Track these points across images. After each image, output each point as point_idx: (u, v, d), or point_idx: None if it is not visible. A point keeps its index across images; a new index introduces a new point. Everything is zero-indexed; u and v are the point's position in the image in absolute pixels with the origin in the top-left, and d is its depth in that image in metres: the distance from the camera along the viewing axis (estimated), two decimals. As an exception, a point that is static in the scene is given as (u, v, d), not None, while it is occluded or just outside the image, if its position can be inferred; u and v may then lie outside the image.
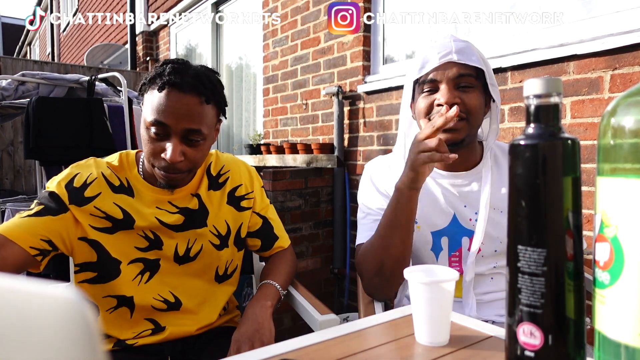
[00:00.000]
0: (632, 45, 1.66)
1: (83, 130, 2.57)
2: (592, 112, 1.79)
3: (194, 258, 1.13)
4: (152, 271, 1.10)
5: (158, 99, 0.98)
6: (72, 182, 1.06)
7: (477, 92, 1.06)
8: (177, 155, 0.99)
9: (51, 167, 2.78)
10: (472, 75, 1.05)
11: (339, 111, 2.98)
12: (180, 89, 0.98)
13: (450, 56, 1.03)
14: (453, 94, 1.03)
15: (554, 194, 0.52)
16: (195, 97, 0.99)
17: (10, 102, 2.66)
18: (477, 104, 1.05)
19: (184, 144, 1.00)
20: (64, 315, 0.25)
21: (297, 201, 2.89)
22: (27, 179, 4.99)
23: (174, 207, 1.11)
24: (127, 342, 1.09)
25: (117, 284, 1.08)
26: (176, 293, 1.11)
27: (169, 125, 0.98)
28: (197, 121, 1.00)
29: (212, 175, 1.17)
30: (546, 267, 0.52)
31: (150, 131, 1.00)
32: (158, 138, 1.00)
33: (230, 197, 1.18)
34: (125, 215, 1.07)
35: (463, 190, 1.11)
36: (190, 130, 0.99)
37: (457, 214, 1.11)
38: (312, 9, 3.27)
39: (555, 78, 0.54)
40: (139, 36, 5.86)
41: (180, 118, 0.98)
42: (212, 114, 1.04)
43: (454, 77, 1.04)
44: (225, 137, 4.86)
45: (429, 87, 1.06)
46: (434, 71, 1.05)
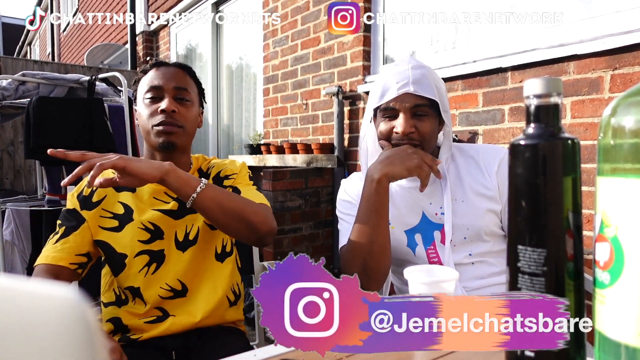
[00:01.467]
0: (633, 45, 1.66)
1: (83, 130, 2.57)
2: (593, 112, 1.79)
3: (194, 241, 1.18)
4: (158, 262, 1.16)
5: (149, 76, 1.18)
6: (82, 192, 1.18)
7: (431, 118, 1.16)
8: (172, 105, 1.13)
9: (51, 167, 2.78)
10: (427, 105, 1.15)
11: (339, 111, 2.98)
12: (165, 64, 1.19)
13: (407, 87, 1.13)
14: (409, 123, 1.14)
15: (554, 194, 0.52)
16: (178, 68, 1.20)
17: (11, 102, 2.66)
18: (430, 130, 1.16)
19: (175, 102, 1.15)
20: (64, 315, 0.25)
21: (297, 201, 2.89)
22: (27, 179, 4.99)
23: (169, 197, 1.18)
24: (131, 337, 1.13)
25: (125, 276, 1.15)
26: (183, 280, 1.16)
27: (160, 86, 1.15)
28: (184, 83, 1.18)
29: (203, 171, 1.28)
30: (546, 267, 0.52)
31: (146, 100, 1.16)
32: (153, 101, 1.15)
33: (215, 180, 1.25)
34: (126, 208, 1.17)
35: (427, 190, 1.20)
36: (180, 88, 1.16)
37: (425, 211, 1.22)
38: (312, 8, 3.28)
39: (556, 78, 0.54)
40: (139, 36, 5.87)
41: (169, 79, 1.16)
42: (194, 87, 1.22)
43: (411, 106, 1.14)
44: (226, 137, 4.86)
45: (389, 114, 1.17)
46: (393, 101, 1.15)
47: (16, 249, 2.85)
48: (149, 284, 1.15)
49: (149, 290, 1.14)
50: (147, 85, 1.16)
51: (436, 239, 1.21)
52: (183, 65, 1.21)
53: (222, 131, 4.90)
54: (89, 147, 2.59)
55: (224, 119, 4.86)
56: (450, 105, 1.71)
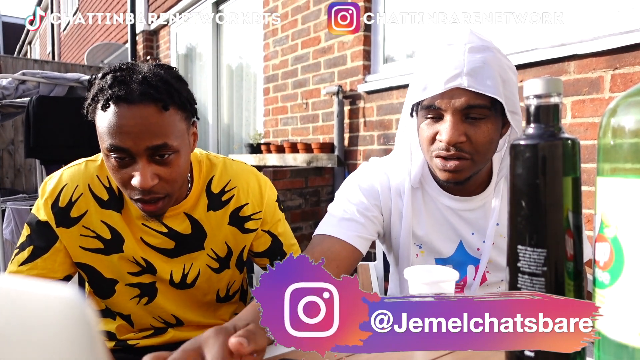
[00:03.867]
0: (633, 45, 1.66)
1: (83, 129, 2.56)
2: (593, 112, 1.79)
3: (192, 284, 1.03)
4: (150, 296, 1.02)
5: (107, 120, 0.81)
6: (57, 200, 0.94)
7: (489, 123, 0.88)
8: (149, 180, 0.83)
9: (52, 166, 2.78)
10: (485, 106, 0.86)
11: (339, 110, 2.98)
12: (128, 101, 0.80)
13: (459, 80, 0.84)
14: (458, 130, 0.86)
15: (554, 194, 0.52)
16: (149, 105, 0.81)
17: (11, 101, 2.65)
18: (488, 140, 0.88)
19: (154, 164, 0.84)
20: (64, 314, 0.25)
21: (298, 200, 2.89)
22: (27, 178, 4.99)
23: (162, 226, 0.98)
24: (128, 342, 1.07)
25: (113, 302, 1.02)
26: (177, 315, 1.05)
27: (127, 149, 0.81)
28: (160, 134, 0.82)
29: (214, 193, 1.01)
30: (546, 267, 0.52)
31: (111, 159, 0.84)
32: (122, 164, 0.84)
33: (233, 218, 1.02)
34: (114, 234, 0.97)
35: (471, 216, 0.99)
36: (155, 147, 0.82)
37: (464, 241, 1.00)
38: (312, 8, 3.27)
39: (556, 78, 0.54)
40: (140, 35, 5.86)
41: (138, 137, 0.81)
42: (176, 119, 0.86)
43: (462, 108, 0.86)
44: (226, 136, 4.86)
45: (432, 114, 0.89)
46: (439, 97, 0.87)
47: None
48: (140, 313, 1.02)
49: (140, 319, 1.03)
50: (107, 139, 0.82)
51: (469, 275, 1.01)
52: (155, 96, 0.81)
53: (222, 130, 4.90)
54: (89, 146, 2.58)
55: (224, 119, 4.86)
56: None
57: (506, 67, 0.89)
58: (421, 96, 0.89)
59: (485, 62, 0.85)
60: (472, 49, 0.86)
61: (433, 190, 1.01)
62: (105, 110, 0.82)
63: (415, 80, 0.92)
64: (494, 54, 0.88)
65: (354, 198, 1.00)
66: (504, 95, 0.86)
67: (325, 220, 0.99)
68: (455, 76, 0.84)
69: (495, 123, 0.89)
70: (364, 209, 0.98)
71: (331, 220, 0.98)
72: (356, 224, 0.96)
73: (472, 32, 0.90)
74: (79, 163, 1.00)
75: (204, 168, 1.01)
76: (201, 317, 1.09)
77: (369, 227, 0.98)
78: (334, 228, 0.96)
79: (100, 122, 0.83)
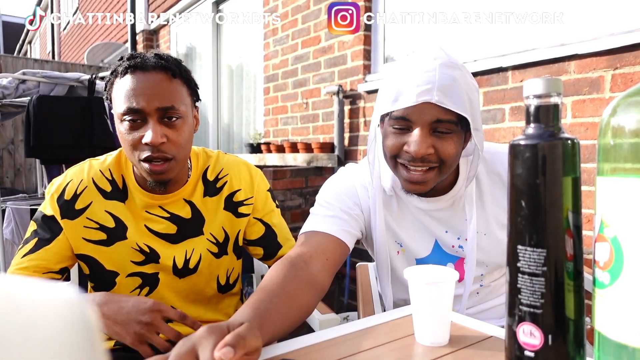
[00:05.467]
0: (633, 45, 1.66)
1: (84, 128, 2.57)
2: (593, 112, 1.79)
3: (194, 270, 1.08)
4: (151, 286, 1.06)
5: (124, 86, 0.94)
6: (63, 194, 1.02)
7: (455, 137, 0.91)
8: (159, 137, 0.92)
9: (52, 166, 2.78)
10: (453, 122, 0.89)
11: (340, 110, 2.98)
12: (143, 68, 0.94)
13: (430, 95, 0.86)
14: (426, 142, 0.88)
15: (554, 194, 0.52)
16: (160, 73, 0.94)
17: (11, 101, 2.66)
18: (454, 152, 0.91)
19: (163, 125, 0.94)
20: (64, 315, 0.25)
21: (298, 200, 2.89)
22: (27, 178, 4.99)
23: (164, 212, 1.05)
24: None
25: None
26: (178, 307, 1.07)
27: (141, 109, 0.92)
28: (169, 97, 0.94)
29: (209, 180, 1.10)
30: (546, 267, 0.52)
31: (125, 122, 0.94)
32: (134, 126, 0.94)
33: (227, 203, 1.10)
34: (117, 222, 1.03)
35: (442, 215, 1.02)
36: (165, 108, 0.93)
37: (439, 240, 1.03)
38: (312, 7, 3.27)
39: (555, 78, 0.54)
40: (140, 35, 5.86)
41: (150, 98, 0.92)
42: (183, 90, 0.98)
43: (431, 121, 0.88)
44: (226, 136, 4.86)
45: (401, 125, 0.91)
46: (410, 110, 0.88)
47: (16, 248, 2.85)
48: None
49: None
50: (124, 103, 0.93)
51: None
52: (165, 65, 0.96)
53: (222, 130, 4.90)
54: (89, 146, 2.59)
55: (224, 118, 4.86)
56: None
57: (472, 87, 0.92)
58: (392, 107, 0.90)
59: (455, 80, 0.88)
60: (442, 65, 0.88)
61: (404, 194, 1.05)
62: (123, 77, 0.94)
63: (385, 91, 0.94)
64: (462, 72, 0.90)
65: (335, 199, 1.03)
66: (470, 114, 0.89)
67: (309, 219, 1.02)
68: (427, 91, 0.86)
69: (459, 137, 0.92)
70: (346, 207, 1.02)
71: (316, 218, 1.01)
72: (340, 220, 1.00)
73: (441, 48, 0.93)
74: (83, 163, 1.09)
75: (200, 159, 1.11)
76: (202, 311, 1.11)
77: (352, 223, 1.01)
78: (319, 224, 0.99)
79: (117, 90, 0.95)
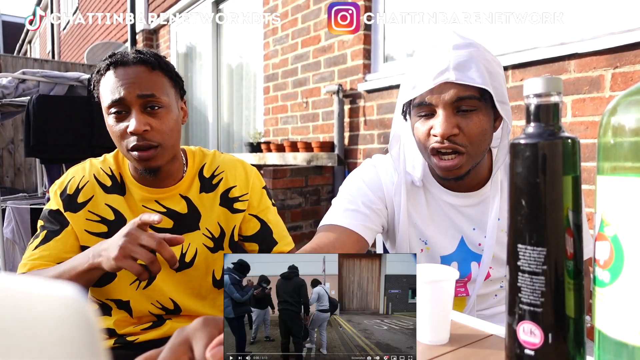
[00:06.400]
0: (633, 44, 1.66)
1: (83, 128, 2.57)
2: (593, 111, 1.79)
3: (190, 264, 1.10)
4: (149, 278, 1.07)
5: (107, 82, 1.00)
6: (65, 189, 1.07)
7: (480, 114, 0.89)
8: (141, 125, 0.97)
9: (52, 165, 2.78)
10: (474, 97, 0.88)
11: (340, 109, 2.98)
12: (124, 63, 0.99)
13: (446, 75, 0.86)
14: (450, 122, 0.88)
15: (554, 193, 0.52)
16: (140, 66, 1.00)
17: (11, 100, 2.65)
18: (480, 130, 0.89)
19: (145, 114, 0.99)
20: (64, 313, 0.25)
21: (298, 199, 2.90)
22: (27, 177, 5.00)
23: (161, 207, 1.08)
24: (127, 339, 1.09)
25: (113, 287, 1.07)
26: (176, 300, 1.09)
27: (123, 98, 0.97)
28: (148, 86, 0.99)
29: (205, 177, 1.14)
30: (546, 266, 0.52)
31: (111, 115, 1.00)
32: (120, 118, 1.00)
33: (223, 199, 1.13)
34: (117, 215, 1.07)
35: (472, 212, 1.00)
36: (145, 95, 0.98)
37: (465, 237, 1.01)
38: (312, 7, 3.27)
39: (555, 77, 0.54)
40: (139, 34, 5.86)
41: (131, 87, 0.98)
42: (164, 81, 1.03)
43: (452, 101, 0.87)
44: (226, 135, 4.86)
45: (424, 111, 0.91)
46: (429, 93, 0.89)
47: (17, 247, 2.85)
48: (139, 298, 1.08)
49: (139, 305, 1.08)
50: (108, 97, 0.99)
51: (473, 272, 1.01)
52: (144, 59, 1.00)
53: (222, 129, 4.90)
54: (89, 145, 2.59)
55: (224, 117, 4.86)
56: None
57: (491, 60, 0.91)
58: (411, 94, 0.91)
59: (471, 56, 0.88)
60: (456, 46, 0.89)
61: (435, 188, 1.03)
62: (106, 74, 1.00)
63: (404, 82, 0.95)
64: (478, 48, 0.90)
65: (358, 191, 1.01)
66: (491, 86, 0.88)
67: (330, 211, 1.00)
68: (442, 71, 0.87)
69: (486, 114, 0.91)
70: (368, 202, 1.00)
71: (336, 211, 0.99)
72: (361, 215, 0.98)
73: (455, 32, 0.93)
74: (83, 162, 1.13)
75: (197, 157, 1.15)
76: (199, 306, 1.12)
77: (373, 218, 0.99)
78: (339, 218, 0.97)
79: (102, 87, 1.01)
